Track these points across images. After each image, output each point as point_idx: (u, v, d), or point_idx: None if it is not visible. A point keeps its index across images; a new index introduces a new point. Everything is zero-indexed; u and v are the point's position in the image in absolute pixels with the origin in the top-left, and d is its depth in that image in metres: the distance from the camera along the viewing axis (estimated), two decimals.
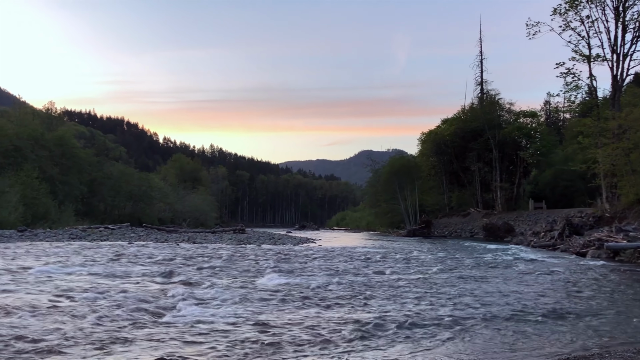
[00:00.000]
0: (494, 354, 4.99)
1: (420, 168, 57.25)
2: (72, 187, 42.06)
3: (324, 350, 4.98)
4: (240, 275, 10.61)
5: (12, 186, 31.58)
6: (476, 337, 5.67)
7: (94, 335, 5.19)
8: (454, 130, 54.69)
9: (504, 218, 41.25)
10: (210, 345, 4.99)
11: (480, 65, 61.30)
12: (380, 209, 60.02)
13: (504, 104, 54.60)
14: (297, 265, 13.02)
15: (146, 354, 4.63)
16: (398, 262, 15.15)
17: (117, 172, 51.93)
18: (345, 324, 6.10)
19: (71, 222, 36.36)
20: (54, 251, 15.61)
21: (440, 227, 48.12)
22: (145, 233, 32.18)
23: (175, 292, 7.94)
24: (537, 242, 25.23)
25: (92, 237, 25.44)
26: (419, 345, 5.27)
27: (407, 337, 5.58)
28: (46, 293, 7.57)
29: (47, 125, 49.03)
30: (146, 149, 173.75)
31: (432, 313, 6.86)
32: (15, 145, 38.16)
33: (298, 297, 7.90)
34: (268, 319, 6.25)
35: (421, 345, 5.24)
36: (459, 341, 5.46)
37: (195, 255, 15.74)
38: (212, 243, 24.26)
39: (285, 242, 27.28)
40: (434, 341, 5.43)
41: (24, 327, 5.42)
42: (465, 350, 5.11)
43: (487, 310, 7.12)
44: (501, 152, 50.53)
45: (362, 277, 10.90)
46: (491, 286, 9.75)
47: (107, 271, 10.49)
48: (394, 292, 8.68)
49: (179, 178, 75.00)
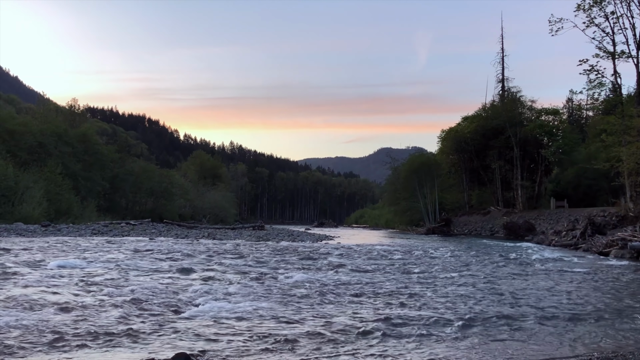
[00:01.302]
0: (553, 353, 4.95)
1: (440, 166, 56.89)
2: (94, 183, 42.64)
3: (342, 346, 4.99)
4: (259, 271, 10.67)
5: (36, 182, 32.11)
6: (533, 336, 5.63)
7: (115, 329, 5.27)
8: (475, 128, 54.20)
9: (525, 217, 40.82)
10: (230, 340, 5.03)
11: (502, 62, 60.72)
12: (399, 207, 59.82)
13: (526, 101, 53.96)
14: (316, 262, 13.05)
15: (167, 348, 4.69)
16: (419, 259, 15.10)
17: (139, 169, 52.50)
18: (365, 320, 6.10)
19: (93, 217, 36.89)
20: (76, 246, 15.86)
21: (460, 226, 47.80)
22: (166, 229, 32.51)
23: (195, 287, 8.02)
24: (558, 241, 24.94)
25: (113, 232, 25.76)
26: (453, 345, 5.25)
27: (435, 335, 5.56)
28: (68, 287, 7.70)
29: (70, 122, 49.80)
30: (167, 145, 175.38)
31: (457, 312, 6.82)
32: (39, 141, 38.78)
33: (317, 294, 7.92)
34: (287, 315, 6.28)
35: (470, 345, 5.22)
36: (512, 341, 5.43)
37: (215, 251, 15.86)
38: (232, 239, 24.42)
39: (304, 239, 27.35)
40: (464, 342, 5.40)
41: (48, 320, 5.52)
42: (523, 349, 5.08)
43: (529, 311, 7.06)
44: (522, 150, 49.95)
45: (382, 274, 10.88)
46: (522, 284, 9.67)
47: (129, 266, 10.62)
48: (416, 289, 8.65)
49: (199, 175, 75.60)
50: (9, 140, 36.01)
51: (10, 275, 8.68)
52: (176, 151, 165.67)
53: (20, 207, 29.49)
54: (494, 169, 52.79)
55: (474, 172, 56.81)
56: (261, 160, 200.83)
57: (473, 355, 4.84)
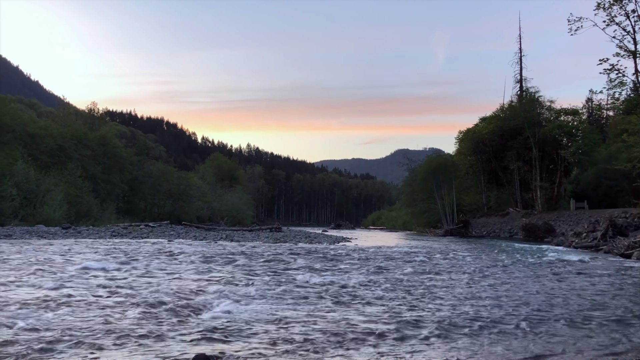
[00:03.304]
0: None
1: (458, 167, 56.56)
2: (113, 185, 43.13)
3: (360, 347, 4.98)
4: (277, 273, 10.69)
5: (56, 184, 32.58)
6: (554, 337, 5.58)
7: (135, 330, 5.31)
8: (493, 128, 53.83)
9: (544, 218, 40.38)
10: (249, 342, 5.05)
11: (520, 62, 60.29)
12: (416, 209, 59.59)
13: (544, 101, 53.45)
14: (333, 264, 13.04)
15: (187, 349, 4.72)
16: (437, 261, 15.01)
17: (157, 171, 53.01)
18: (383, 322, 6.08)
19: (113, 219, 37.30)
20: (96, 248, 16.03)
21: (478, 227, 47.45)
22: (185, 231, 32.74)
23: (214, 288, 8.07)
24: (578, 243, 24.63)
25: (133, 234, 26.00)
26: (470, 345, 5.21)
27: (453, 337, 5.52)
28: (88, 289, 7.78)
29: (89, 125, 50.49)
30: (185, 148, 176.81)
31: (473, 314, 6.78)
32: (59, 144, 39.35)
33: (335, 295, 7.92)
34: (306, 316, 6.28)
35: (489, 345, 5.19)
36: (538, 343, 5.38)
37: (233, 252, 15.93)
38: (250, 241, 24.50)
39: (321, 241, 27.34)
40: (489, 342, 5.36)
41: (69, 321, 5.59)
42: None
43: (550, 313, 6.99)
44: (541, 151, 49.47)
45: (400, 275, 10.84)
46: (543, 286, 9.57)
47: (148, 268, 10.72)
48: (434, 291, 8.61)
49: (217, 177, 76.08)
50: (30, 143, 36.60)
51: (33, 276, 8.81)
52: (194, 154, 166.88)
53: (41, 210, 29.94)
54: (513, 170, 52.35)
55: (492, 173, 56.38)
56: (278, 162, 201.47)
57: (493, 357, 4.80)
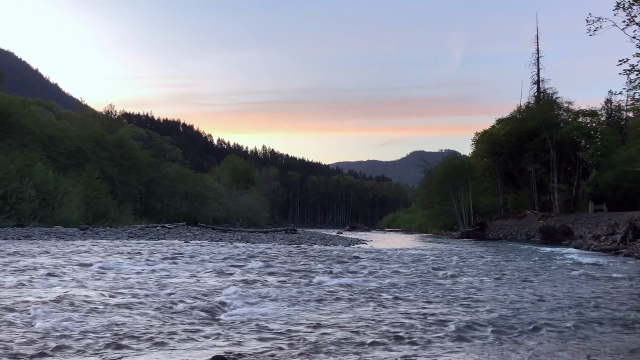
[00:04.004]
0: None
1: (474, 169, 56.18)
2: (130, 187, 43.48)
3: (380, 351, 4.95)
4: (293, 275, 10.68)
5: (74, 186, 32.92)
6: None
7: (152, 331, 5.33)
8: (510, 130, 53.43)
9: (562, 220, 39.93)
10: (266, 343, 5.04)
11: (537, 63, 59.80)
12: (432, 211, 59.26)
13: (562, 102, 52.99)
14: (349, 266, 13.00)
15: (204, 350, 4.72)
16: (454, 263, 14.90)
17: (174, 173, 53.37)
18: (399, 324, 6.04)
19: (130, 221, 37.60)
20: (114, 249, 16.16)
21: (495, 229, 47.09)
22: (201, 232, 32.90)
23: (230, 290, 8.07)
24: (597, 246, 24.28)
25: (150, 235, 26.17)
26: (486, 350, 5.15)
27: (471, 338, 5.46)
28: (106, 290, 7.82)
29: (107, 127, 50.97)
30: (201, 150, 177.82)
31: (500, 317, 6.69)
32: (77, 146, 39.78)
33: (352, 298, 7.88)
34: (322, 319, 6.25)
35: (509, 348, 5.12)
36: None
37: (249, 254, 15.95)
38: (265, 243, 24.55)
39: (336, 243, 27.30)
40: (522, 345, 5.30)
41: (87, 322, 5.62)
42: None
43: (569, 316, 6.89)
44: (559, 153, 48.99)
45: (416, 277, 10.77)
46: (563, 289, 9.45)
47: (165, 269, 10.77)
48: (452, 293, 8.53)
49: (233, 178, 76.31)
50: (49, 145, 37.04)
51: (51, 277, 8.89)
52: (210, 155, 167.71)
53: (59, 211, 30.27)
54: (530, 172, 51.92)
55: (509, 175, 55.95)
56: (293, 164, 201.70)
57: (510, 356, 4.74)
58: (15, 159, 29.66)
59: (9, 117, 35.58)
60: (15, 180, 28.19)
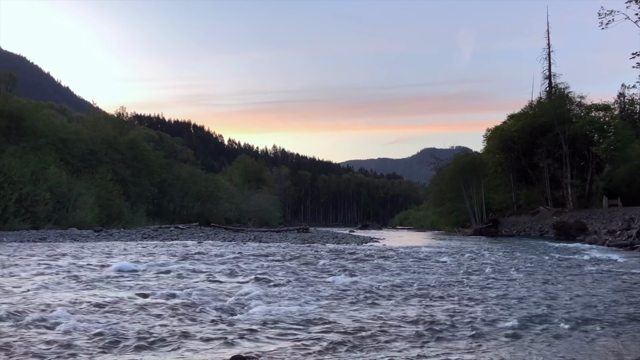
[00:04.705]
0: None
1: (486, 165, 55.89)
2: (143, 188, 43.75)
3: (395, 348, 4.94)
4: (307, 274, 10.69)
5: (88, 188, 33.19)
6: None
7: (170, 331, 5.35)
8: (522, 126, 53.11)
9: (576, 216, 39.66)
10: (284, 343, 5.05)
11: (548, 58, 59.44)
12: (444, 208, 59.07)
13: (574, 97, 52.55)
14: (363, 265, 12.99)
15: (222, 351, 4.73)
16: (469, 260, 14.83)
17: (186, 174, 53.66)
18: (416, 322, 6.02)
19: (143, 222, 37.84)
20: (128, 250, 16.26)
21: (507, 226, 46.85)
22: (214, 232, 33.02)
23: (246, 289, 8.09)
24: (612, 242, 24.09)
25: (163, 236, 26.30)
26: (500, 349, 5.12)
27: (489, 336, 5.44)
28: (123, 290, 7.88)
29: (119, 129, 51.29)
30: (212, 150, 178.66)
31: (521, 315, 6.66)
32: (90, 149, 40.10)
33: (367, 296, 7.88)
34: (339, 318, 6.25)
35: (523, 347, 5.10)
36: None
37: (262, 253, 15.99)
38: (278, 242, 24.58)
39: (349, 242, 27.28)
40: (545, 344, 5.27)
41: (105, 323, 5.66)
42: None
43: (588, 313, 6.85)
44: (572, 148, 48.61)
45: (431, 275, 10.73)
46: (580, 286, 9.39)
47: (180, 269, 10.82)
48: (467, 290, 8.50)
49: (244, 178, 76.60)
50: (62, 148, 37.36)
51: (69, 279, 8.97)
52: (221, 156, 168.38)
53: (74, 213, 30.53)
54: (542, 168, 51.59)
55: (521, 171, 55.64)
56: (303, 163, 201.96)
57: (529, 356, 4.71)
58: (29, 162, 29.93)
59: (23, 121, 35.94)
60: (30, 183, 28.46)
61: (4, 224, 25.55)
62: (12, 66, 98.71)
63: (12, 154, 30.00)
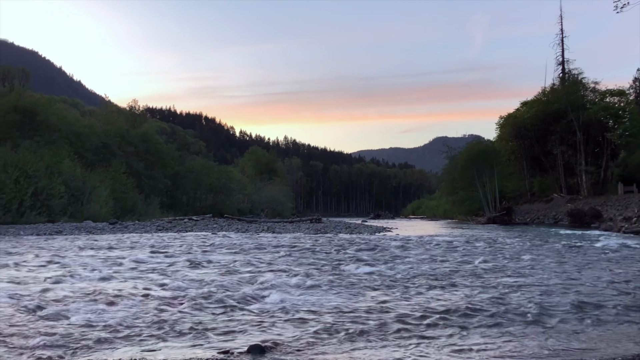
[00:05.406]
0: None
1: (499, 153, 55.48)
2: (156, 181, 44.00)
3: (412, 336, 4.93)
4: (322, 263, 10.70)
5: (102, 181, 33.46)
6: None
7: (188, 322, 5.38)
8: (535, 113, 52.58)
9: (590, 203, 39.28)
10: (301, 332, 5.05)
11: (561, 44, 58.62)
12: (457, 197, 58.75)
13: (588, 83, 51.82)
14: (376, 254, 12.98)
15: (240, 340, 4.75)
16: (484, 248, 14.76)
17: (198, 166, 53.89)
18: (433, 311, 6.00)
19: (157, 214, 38.10)
20: (143, 242, 16.38)
21: (521, 214, 46.56)
22: (227, 223, 33.15)
23: (261, 280, 8.12)
24: (628, 228, 23.86)
25: (177, 228, 26.46)
26: (512, 335, 5.10)
27: (508, 324, 5.41)
28: (140, 281, 7.94)
29: (131, 122, 51.55)
30: (224, 142, 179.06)
31: (530, 302, 6.62)
32: (103, 142, 40.34)
33: (383, 285, 7.87)
34: (354, 306, 6.25)
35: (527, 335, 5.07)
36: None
37: (276, 244, 16.04)
38: (291, 232, 24.63)
39: (362, 231, 27.27)
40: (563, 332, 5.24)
41: (121, 314, 5.71)
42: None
43: (609, 300, 6.80)
44: (586, 134, 48.05)
45: (447, 264, 10.68)
46: (598, 273, 9.32)
47: (195, 260, 10.88)
48: (484, 278, 8.46)
49: (256, 170, 76.75)
50: (75, 142, 37.64)
51: (84, 270, 9.05)
52: (232, 147, 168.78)
53: (88, 206, 30.81)
54: (556, 155, 51.09)
55: (534, 159, 55.18)
56: (315, 154, 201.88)
57: (549, 343, 4.68)
58: (44, 156, 30.20)
59: (37, 116, 36.24)
60: (45, 177, 28.74)
61: (21, 218, 25.85)
62: (25, 61, 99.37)
63: (27, 149, 30.27)
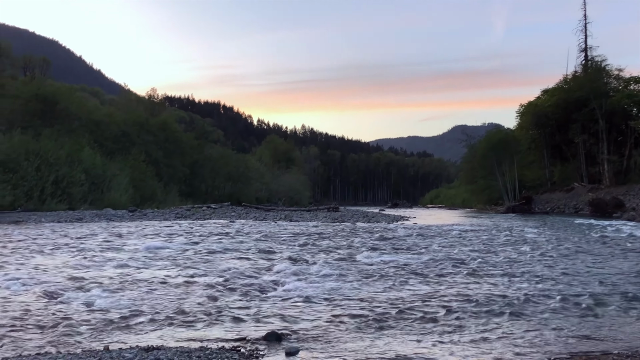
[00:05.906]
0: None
1: (519, 142, 54.79)
2: (175, 169, 44.28)
3: (429, 325, 4.90)
4: (339, 252, 10.69)
5: (122, 169, 33.75)
6: None
7: (207, 308, 5.42)
8: (556, 101, 51.72)
9: (612, 192, 38.67)
10: (317, 319, 5.05)
11: (584, 30, 57.38)
12: (476, 186, 58.23)
13: (612, 70, 50.76)
14: (394, 243, 12.93)
15: (256, 327, 4.76)
16: (503, 238, 14.62)
17: (216, 155, 54.06)
18: (450, 300, 5.96)
19: (176, 202, 38.36)
20: (162, 229, 16.51)
21: (541, 203, 46.04)
22: (245, 212, 33.28)
23: (279, 267, 8.14)
24: None
25: (196, 216, 26.63)
26: (531, 324, 5.04)
27: (527, 314, 5.35)
28: (157, 269, 8.00)
29: (150, 111, 51.85)
30: (242, 131, 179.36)
31: (544, 293, 6.55)
32: (123, 131, 40.65)
33: (399, 274, 7.84)
34: (371, 295, 6.24)
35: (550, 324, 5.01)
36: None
37: (294, 232, 16.06)
38: (308, 221, 24.64)
39: (379, 220, 27.18)
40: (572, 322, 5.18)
41: (141, 300, 5.76)
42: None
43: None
44: (608, 123, 47.19)
45: (464, 253, 10.59)
46: (619, 264, 9.18)
47: (213, 248, 10.93)
48: (505, 267, 8.38)
49: (274, 159, 76.84)
50: (95, 130, 37.98)
51: (106, 257, 9.15)
52: (250, 136, 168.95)
53: (108, 194, 31.12)
54: (577, 144, 50.32)
55: (555, 148, 54.39)
56: (332, 142, 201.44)
57: (576, 330, 4.61)
58: (64, 145, 30.53)
59: (57, 104, 36.61)
60: (65, 165, 29.06)
61: (42, 205, 26.20)
62: (46, 51, 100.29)
63: (48, 137, 30.61)
